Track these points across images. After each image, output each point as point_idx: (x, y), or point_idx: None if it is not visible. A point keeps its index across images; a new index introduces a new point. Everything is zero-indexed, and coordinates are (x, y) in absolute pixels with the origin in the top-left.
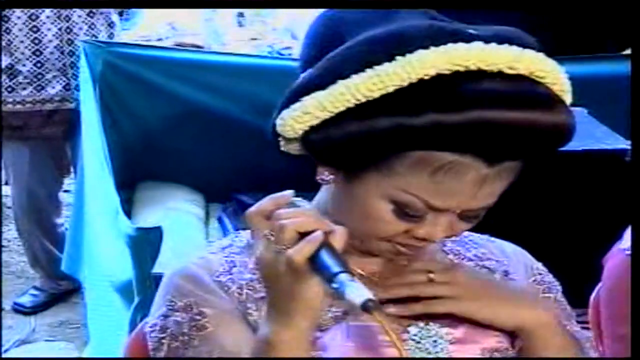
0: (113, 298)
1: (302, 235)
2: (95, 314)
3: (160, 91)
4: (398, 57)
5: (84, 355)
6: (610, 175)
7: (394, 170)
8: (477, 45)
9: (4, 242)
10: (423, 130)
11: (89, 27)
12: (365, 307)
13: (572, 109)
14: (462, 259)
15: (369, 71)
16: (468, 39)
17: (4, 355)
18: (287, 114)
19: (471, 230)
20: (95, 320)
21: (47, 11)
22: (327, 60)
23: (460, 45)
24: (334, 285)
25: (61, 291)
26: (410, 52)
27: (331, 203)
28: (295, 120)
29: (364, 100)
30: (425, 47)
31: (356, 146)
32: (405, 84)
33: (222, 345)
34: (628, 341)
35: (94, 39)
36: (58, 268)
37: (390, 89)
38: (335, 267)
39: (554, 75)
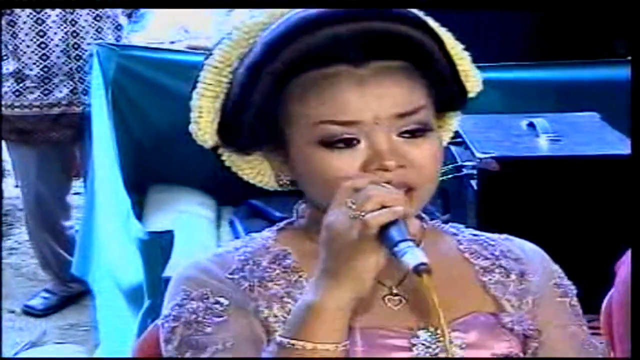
0: (122, 301)
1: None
2: (104, 317)
3: (173, 94)
4: (240, 24)
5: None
6: (622, 181)
7: (294, 113)
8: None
9: (15, 245)
10: (286, 62)
11: (96, 30)
12: (417, 270)
13: (584, 113)
14: (478, 258)
15: (216, 49)
16: None
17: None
18: (191, 124)
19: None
20: (105, 323)
21: (53, 15)
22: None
23: None
24: (395, 249)
25: (72, 294)
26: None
27: (305, 194)
28: (196, 122)
29: (225, 71)
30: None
31: (247, 108)
32: (245, 43)
33: (235, 335)
34: None
35: (101, 42)
36: (68, 271)
37: (234, 55)
38: (400, 236)
39: None
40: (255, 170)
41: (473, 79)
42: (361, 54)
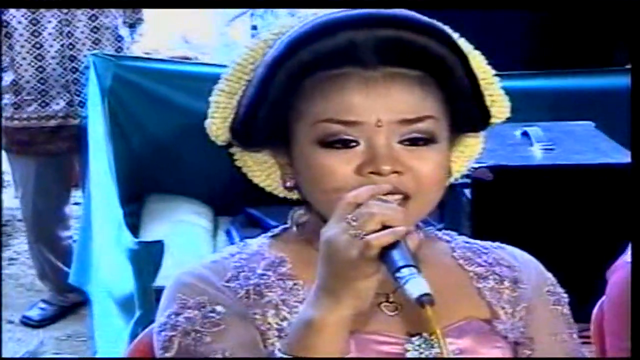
0: (116, 311)
1: (384, 228)
2: (101, 327)
3: (170, 104)
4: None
5: None
6: (615, 189)
7: (301, 111)
8: None
9: (14, 255)
10: (302, 62)
11: (93, 42)
12: (420, 301)
13: (579, 122)
14: (472, 265)
15: (243, 51)
16: None
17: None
18: (207, 119)
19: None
20: (101, 333)
21: (50, 27)
22: None
23: None
24: (398, 275)
25: (69, 304)
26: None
27: (306, 199)
28: (212, 117)
29: (247, 68)
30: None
31: (262, 104)
32: (271, 43)
33: (235, 344)
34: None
35: (98, 52)
36: (66, 281)
37: (260, 54)
38: (403, 261)
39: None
40: (265, 173)
41: (500, 104)
42: (375, 59)
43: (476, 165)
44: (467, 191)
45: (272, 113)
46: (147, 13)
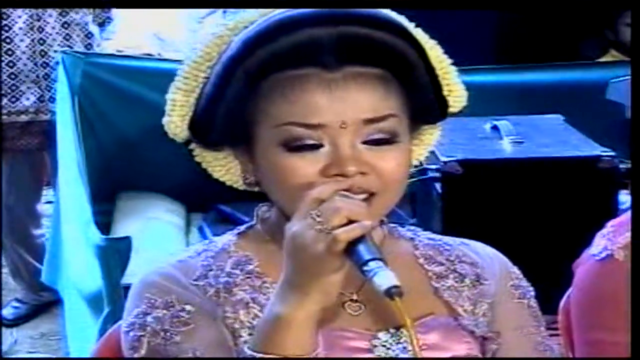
0: (86, 309)
1: (349, 223)
2: (72, 325)
3: (141, 101)
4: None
5: None
6: (584, 182)
7: (262, 113)
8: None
9: None
10: (260, 61)
11: (64, 38)
12: (389, 293)
13: (548, 116)
14: (432, 264)
15: (197, 48)
16: None
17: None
18: (164, 117)
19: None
20: (72, 331)
21: (20, 22)
22: None
23: None
24: (365, 269)
25: (43, 303)
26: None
27: (268, 192)
28: (169, 115)
29: (204, 66)
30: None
31: (219, 104)
32: (227, 39)
33: (204, 343)
34: (597, 346)
35: (67, 49)
36: (39, 279)
37: (216, 51)
38: (370, 254)
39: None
40: (225, 168)
41: (457, 94)
42: (335, 58)
43: (446, 159)
44: (438, 185)
45: (230, 113)
46: (119, 10)
